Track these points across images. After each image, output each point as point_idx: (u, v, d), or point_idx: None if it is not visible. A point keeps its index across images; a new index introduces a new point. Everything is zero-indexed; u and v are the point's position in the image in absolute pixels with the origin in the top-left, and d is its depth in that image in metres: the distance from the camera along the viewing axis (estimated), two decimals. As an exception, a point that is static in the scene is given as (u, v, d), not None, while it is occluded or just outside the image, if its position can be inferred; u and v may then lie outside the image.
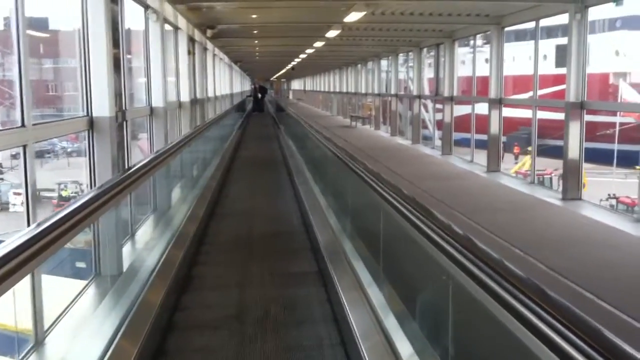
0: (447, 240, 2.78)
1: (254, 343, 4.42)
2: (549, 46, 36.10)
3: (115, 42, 6.55)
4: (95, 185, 5.93)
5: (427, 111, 23.16)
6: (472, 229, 2.80)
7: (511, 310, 2.00)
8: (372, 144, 18.50)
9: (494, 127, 12.39)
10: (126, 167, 6.71)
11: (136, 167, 5.78)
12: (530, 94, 12.72)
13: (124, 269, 5.71)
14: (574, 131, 9.01)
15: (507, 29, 12.42)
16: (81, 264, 5.99)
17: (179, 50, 12.84)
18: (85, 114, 6.01)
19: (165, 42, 10.66)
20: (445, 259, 2.78)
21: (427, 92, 20.65)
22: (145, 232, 7.37)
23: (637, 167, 29.30)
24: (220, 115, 18.59)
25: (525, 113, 19.12)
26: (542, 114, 12.67)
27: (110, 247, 5.70)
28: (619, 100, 29.53)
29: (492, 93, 12.34)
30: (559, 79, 33.12)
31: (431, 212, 3.18)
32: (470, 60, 26.45)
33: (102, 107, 6.00)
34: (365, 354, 3.73)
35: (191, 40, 14.66)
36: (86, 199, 4.08)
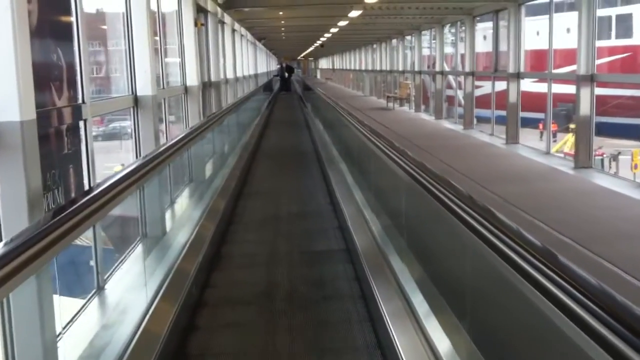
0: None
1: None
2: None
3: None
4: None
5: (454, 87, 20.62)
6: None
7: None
8: (417, 129, 15.84)
9: (584, 109, 9.67)
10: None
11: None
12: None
13: None
14: None
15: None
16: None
17: (182, 23, 10.31)
18: None
19: (158, 10, 8.14)
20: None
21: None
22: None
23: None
24: (240, 100, 16.01)
25: (563, 88, 16.05)
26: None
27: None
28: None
29: (582, 68, 9.61)
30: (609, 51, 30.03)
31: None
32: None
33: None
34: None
35: (201, 10, 12.11)
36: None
